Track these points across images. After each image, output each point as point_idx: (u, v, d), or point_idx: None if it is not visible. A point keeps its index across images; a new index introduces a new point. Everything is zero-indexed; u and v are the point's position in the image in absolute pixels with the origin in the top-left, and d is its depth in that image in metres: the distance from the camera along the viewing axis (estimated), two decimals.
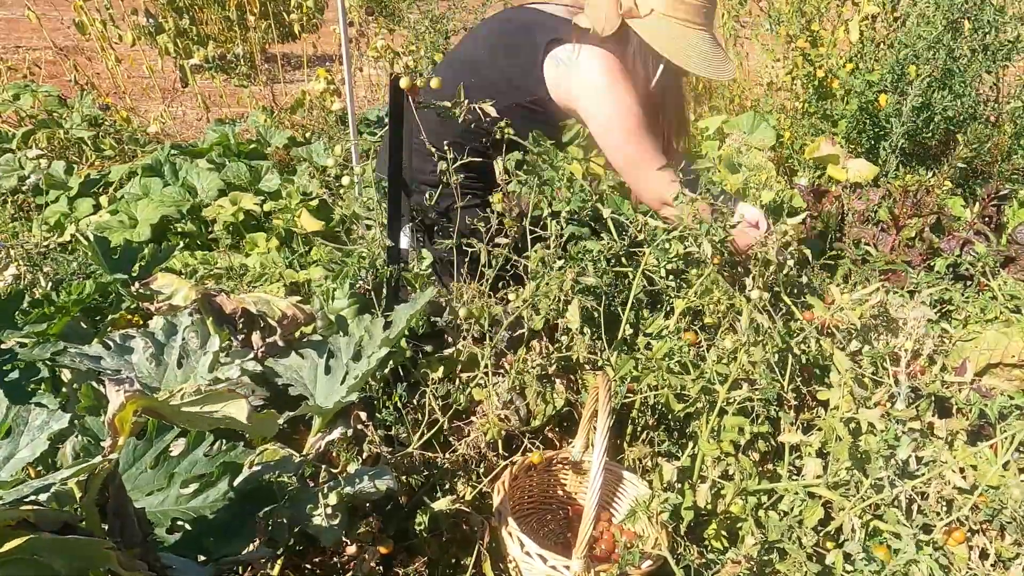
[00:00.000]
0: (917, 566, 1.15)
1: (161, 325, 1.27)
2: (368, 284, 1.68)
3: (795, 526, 1.24)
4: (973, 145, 2.98)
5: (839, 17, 4.01)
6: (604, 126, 1.86)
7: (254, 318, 1.53)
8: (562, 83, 1.83)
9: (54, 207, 3.38)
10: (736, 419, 1.40)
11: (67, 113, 4.32)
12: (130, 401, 0.89)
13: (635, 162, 1.88)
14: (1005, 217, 2.35)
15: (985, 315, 1.86)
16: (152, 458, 1.16)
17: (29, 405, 0.98)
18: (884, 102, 3.15)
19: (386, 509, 1.35)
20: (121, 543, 0.91)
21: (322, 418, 1.35)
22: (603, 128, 1.86)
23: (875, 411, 1.31)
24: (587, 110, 1.85)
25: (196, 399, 0.95)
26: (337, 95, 3.98)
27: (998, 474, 1.24)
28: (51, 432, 0.95)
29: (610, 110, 1.82)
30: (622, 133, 1.84)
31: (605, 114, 1.83)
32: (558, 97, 1.85)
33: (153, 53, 5.40)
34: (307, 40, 5.86)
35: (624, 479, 1.50)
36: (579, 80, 1.81)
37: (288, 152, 3.97)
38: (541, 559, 1.23)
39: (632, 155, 1.87)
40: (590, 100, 1.83)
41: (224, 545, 1.10)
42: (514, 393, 1.48)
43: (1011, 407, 1.38)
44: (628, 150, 1.86)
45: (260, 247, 2.89)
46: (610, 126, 1.85)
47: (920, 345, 1.52)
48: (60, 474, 0.85)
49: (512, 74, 1.86)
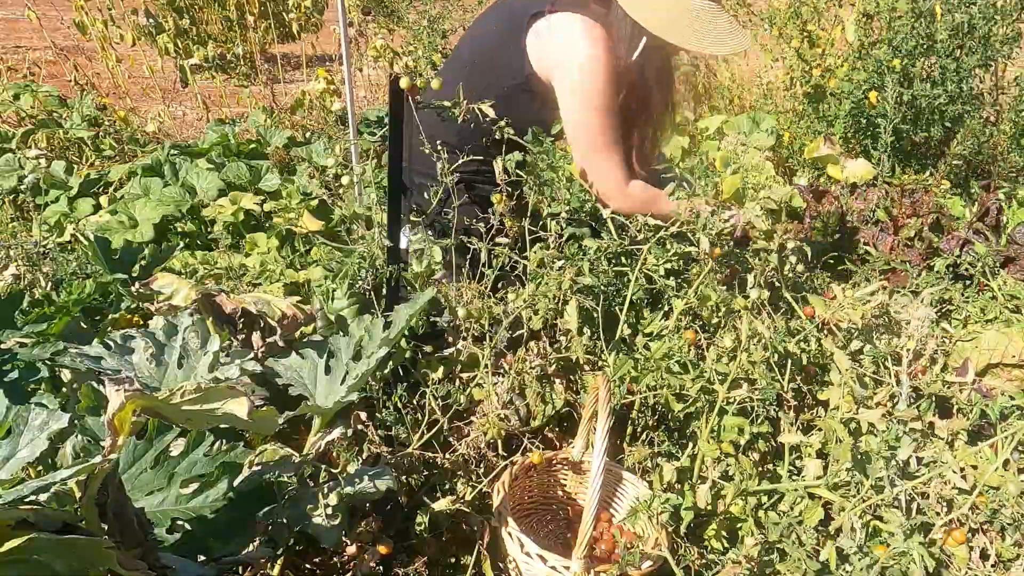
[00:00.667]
0: (909, 557, 1.15)
1: (161, 325, 1.27)
2: (368, 284, 1.68)
3: (795, 526, 1.24)
4: (969, 142, 2.98)
5: (836, 18, 4.01)
6: (568, 91, 1.70)
7: (254, 318, 1.53)
8: (541, 53, 1.71)
9: (54, 207, 3.38)
10: (736, 419, 1.40)
11: (67, 113, 4.32)
12: (130, 400, 0.89)
13: (591, 140, 1.71)
14: (1005, 217, 2.34)
15: (985, 315, 1.86)
16: (152, 458, 1.16)
17: (29, 405, 0.98)
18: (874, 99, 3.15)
19: (386, 509, 1.35)
20: (121, 543, 0.91)
21: (322, 418, 1.35)
22: (567, 95, 1.70)
23: (876, 412, 1.31)
24: (558, 79, 1.70)
25: (196, 397, 0.95)
26: (337, 95, 3.99)
27: (998, 474, 1.24)
28: (51, 432, 0.95)
29: (577, 76, 1.67)
30: (585, 104, 1.68)
31: (572, 80, 1.68)
32: (540, 71, 1.73)
33: (153, 53, 5.40)
34: (307, 40, 5.87)
35: (624, 479, 1.50)
36: (554, 45, 1.68)
37: (288, 152, 3.97)
38: (541, 559, 1.23)
39: (590, 132, 1.70)
40: (561, 67, 1.68)
41: (224, 545, 1.10)
42: (514, 393, 1.48)
43: (1012, 407, 1.38)
44: (588, 125, 1.69)
45: (260, 247, 2.89)
46: (574, 93, 1.69)
47: (922, 345, 1.52)
48: (60, 474, 0.85)
49: (502, 55, 1.77)
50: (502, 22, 1.85)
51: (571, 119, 1.73)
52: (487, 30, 1.91)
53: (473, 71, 1.83)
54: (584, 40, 1.66)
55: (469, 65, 1.88)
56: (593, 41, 1.66)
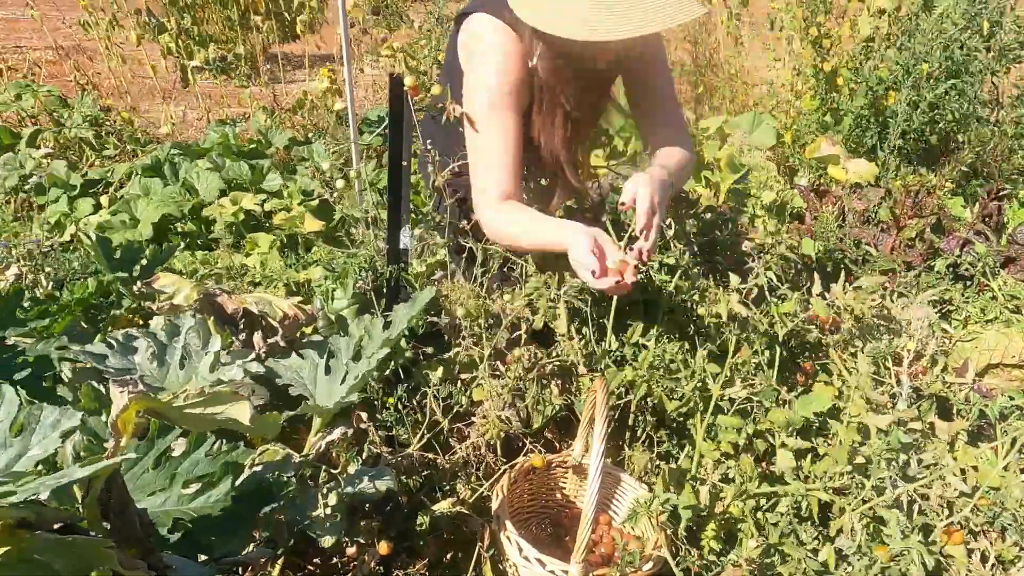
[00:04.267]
0: (909, 558, 1.15)
1: (163, 325, 1.27)
2: (368, 284, 1.68)
3: (795, 526, 1.24)
4: (976, 147, 2.99)
5: (845, 15, 4.02)
6: (466, 93, 1.61)
7: (256, 318, 1.53)
8: (461, 51, 1.66)
9: (55, 207, 3.38)
10: (730, 419, 1.40)
11: (68, 113, 4.32)
12: (133, 402, 0.90)
13: (472, 143, 1.61)
14: (1005, 217, 2.35)
15: (985, 315, 1.86)
16: (154, 458, 1.16)
17: (41, 403, 0.98)
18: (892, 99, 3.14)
19: (386, 510, 1.35)
20: (122, 543, 0.91)
21: (322, 418, 1.36)
22: (465, 96, 1.62)
23: (886, 418, 1.30)
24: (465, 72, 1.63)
25: (199, 401, 0.95)
26: (339, 95, 3.99)
27: (998, 475, 1.24)
28: (63, 430, 0.95)
29: (473, 76, 1.60)
30: (474, 103, 1.59)
31: (469, 81, 1.61)
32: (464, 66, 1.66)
33: (155, 53, 5.40)
34: (310, 40, 5.87)
35: (623, 482, 1.50)
36: (464, 43, 1.64)
37: (289, 152, 3.97)
38: (540, 563, 1.23)
39: (473, 133, 1.59)
40: (465, 64, 1.63)
41: (224, 545, 1.10)
42: (514, 394, 1.49)
43: (1012, 407, 1.38)
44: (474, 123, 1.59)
45: (261, 247, 2.90)
46: (468, 93, 1.61)
47: (923, 345, 1.52)
48: (73, 473, 0.85)
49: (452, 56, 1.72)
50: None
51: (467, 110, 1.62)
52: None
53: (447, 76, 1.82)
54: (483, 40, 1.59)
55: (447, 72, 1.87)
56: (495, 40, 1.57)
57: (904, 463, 1.28)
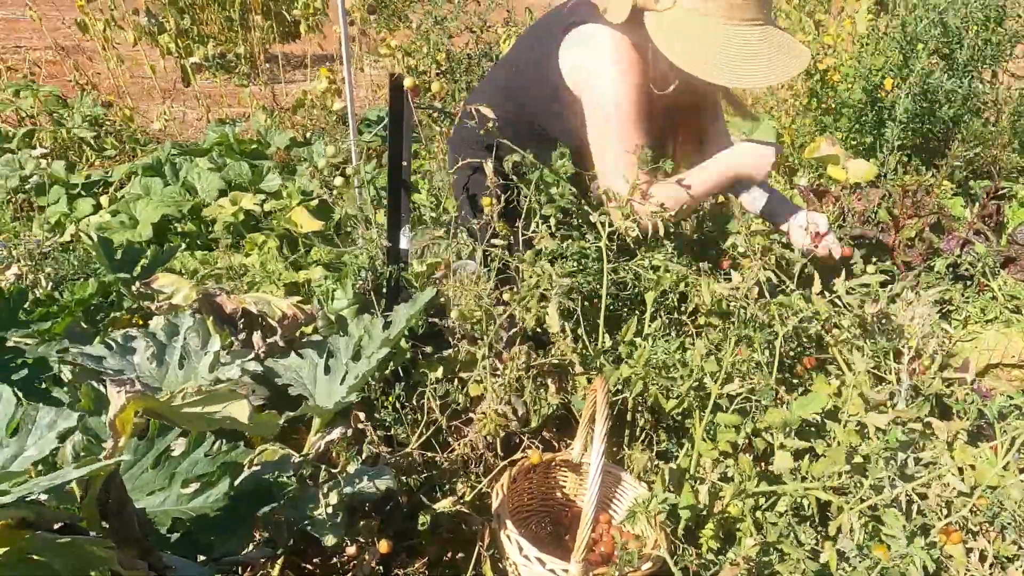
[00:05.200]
0: (908, 559, 1.15)
1: (163, 325, 1.28)
2: (368, 284, 1.68)
3: (794, 525, 1.24)
4: (972, 144, 2.98)
5: (842, 12, 4.01)
6: (593, 104, 1.70)
7: (255, 318, 1.53)
8: (573, 65, 1.72)
9: (55, 207, 3.38)
10: (729, 417, 1.40)
11: (68, 113, 4.32)
12: (132, 402, 0.90)
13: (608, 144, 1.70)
14: (1005, 217, 2.34)
15: (985, 315, 1.86)
16: (153, 458, 1.16)
17: (37, 404, 0.98)
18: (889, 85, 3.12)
19: (386, 509, 1.35)
20: (121, 543, 0.91)
21: (322, 418, 1.36)
22: (591, 107, 1.70)
23: (884, 416, 1.30)
24: (586, 92, 1.71)
25: (197, 400, 0.95)
26: (338, 95, 3.99)
27: (997, 475, 1.24)
28: (60, 431, 0.95)
29: (604, 89, 1.67)
30: (607, 114, 1.68)
31: (599, 92, 1.68)
32: (572, 84, 1.74)
33: (154, 53, 5.40)
34: (310, 39, 5.87)
35: (623, 481, 1.50)
36: (584, 59, 1.70)
37: (289, 152, 3.97)
38: (539, 562, 1.23)
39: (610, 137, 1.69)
40: (589, 80, 1.70)
41: (224, 545, 1.10)
42: (512, 393, 1.49)
43: (1011, 407, 1.38)
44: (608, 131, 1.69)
45: (260, 247, 2.89)
46: (599, 104, 1.69)
47: (924, 344, 1.52)
48: (69, 474, 0.85)
49: (536, 72, 1.80)
50: (534, 40, 1.89)
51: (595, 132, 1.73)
52: (521, 53, 1.94)
53: (508, 94, 1.88)
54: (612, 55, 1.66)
55: (503, 89, 1.92)
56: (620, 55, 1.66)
57: (902, 462, 1.28)
